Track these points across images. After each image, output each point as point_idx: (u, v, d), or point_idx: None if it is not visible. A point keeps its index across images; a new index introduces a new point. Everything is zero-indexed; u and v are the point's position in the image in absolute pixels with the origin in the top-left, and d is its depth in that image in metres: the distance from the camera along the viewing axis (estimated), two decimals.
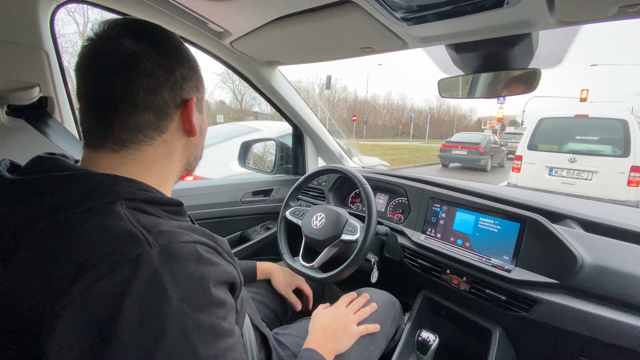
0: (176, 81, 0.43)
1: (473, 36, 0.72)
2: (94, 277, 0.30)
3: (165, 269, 0.32)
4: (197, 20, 0.87)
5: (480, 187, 1.06)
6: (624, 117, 4.05)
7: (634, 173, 3.73)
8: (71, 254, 0.32)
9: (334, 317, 0.75)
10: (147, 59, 0.41)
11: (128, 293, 0.30)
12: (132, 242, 0.33)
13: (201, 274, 0.35)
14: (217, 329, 0.35)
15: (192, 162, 0.52)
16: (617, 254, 0.72)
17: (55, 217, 0.34)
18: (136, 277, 0.31)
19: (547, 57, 0.79)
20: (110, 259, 0.31)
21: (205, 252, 0.37)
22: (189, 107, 0.45)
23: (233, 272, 0.41)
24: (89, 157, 0.42)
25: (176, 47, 0.45)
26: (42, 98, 0.82)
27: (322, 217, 1.00)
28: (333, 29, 0.77)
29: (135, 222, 0.35)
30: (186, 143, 0.48)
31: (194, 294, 0.33)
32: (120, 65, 0.39)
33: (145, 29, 0.43)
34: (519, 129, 25.57)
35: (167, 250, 0.34)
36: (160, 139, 0.44)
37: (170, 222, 0.38)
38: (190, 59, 0.47)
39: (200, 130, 0.50)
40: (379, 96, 59.39)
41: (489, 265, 0.83)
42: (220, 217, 1.30)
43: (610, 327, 0.66)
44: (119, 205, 0.36)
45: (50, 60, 0.82)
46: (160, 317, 0.31)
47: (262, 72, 1.20)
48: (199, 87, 0.48)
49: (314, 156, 1.62)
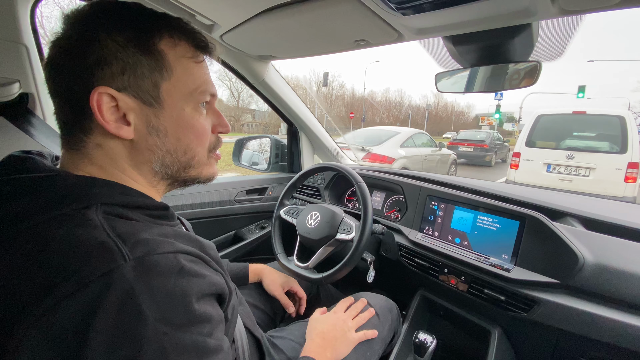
0: (87, 66, 0.35)
1: (471, 27, 0.69)
2: (60, 295, 0.27)
3: (140, 286, 0.29)
4: (184, 12, 0.83)
5: (478, 184, 1.04)
6: (621, 114, 4.05)
7: (631, 169, 3.73)
8: (37, 268, 0.29)
9: (333, 323, 0.72)
10: (61, 42, 0.36)
11: (98, 313, 0.27)
12: (103, 255, 0.29)
13: (182, 289, 0.31)
14: (201, 348, 0.32)
15: (163, 171, 0.41)
16: (619, 252, 0.70)
17: (21, 225, 0.31)
18: (107, 295, 0.27)
19: (548, 50, 0.76)
20: (78, 275, 0.28)
21: (188, 263, 0.34)
22: (91, 101, 0.34)
23: (220, 283, 0.38)
24: (61, 157, 0.40)
25: (104, 16, 0.36)
26: (23, 94, 0.78)
27: (317, 216, 0.98)
28: (325, 20, 0.74)
29: (110, 231, 0.31)
30: (132, 147, 0.39)
31: (174, 312, 0.30)
32: (50, 55, 0.37)
33: (83, 6, 0.37)
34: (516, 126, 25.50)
35: (143, 263, 0.30)
36: (90, 141, 0.37)
37: (151, 229, 0.35)
38: (125, 29, 0.36)
39: (154, 130, 0.39)
40: (377, 93, 59.24)
41: (487, 265, 0.81)
42: (213, 216, 1.27)
43: (612, 328, 0.64)
44: (94, 210, 0.33)
45: (30, 54, 0.79)
46: (135, 340, 0.28)
47: (255, 67, 1.17)
48: (133, 70, 0.36)
49: (309, 153, 1.60)
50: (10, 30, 0.74)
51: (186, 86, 0.40)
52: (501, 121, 33.57)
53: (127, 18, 0.37)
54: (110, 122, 0.36)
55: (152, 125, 0.39)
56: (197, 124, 0.42)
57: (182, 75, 0.40)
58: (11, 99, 0.76)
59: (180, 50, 0.40)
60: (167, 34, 0.39)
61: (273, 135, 1.62)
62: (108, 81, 0.35)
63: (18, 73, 0.77)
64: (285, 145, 1.60)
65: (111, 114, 0.36)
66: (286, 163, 1.61)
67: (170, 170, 0.42)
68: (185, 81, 0.40)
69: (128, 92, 0.37)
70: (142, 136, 0.39)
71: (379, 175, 1.24)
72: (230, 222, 1.32)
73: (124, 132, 0.37)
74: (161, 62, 0.38)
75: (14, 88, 0.75)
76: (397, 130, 5.67)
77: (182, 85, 0.40)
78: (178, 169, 0.43)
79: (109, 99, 0.36)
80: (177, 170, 0.43)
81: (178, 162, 0.42)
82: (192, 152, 0.43)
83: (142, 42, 0.37)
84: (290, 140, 1.57)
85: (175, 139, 0.41)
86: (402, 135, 5.39)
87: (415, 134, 5.78)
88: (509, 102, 48.96)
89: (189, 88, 0.41)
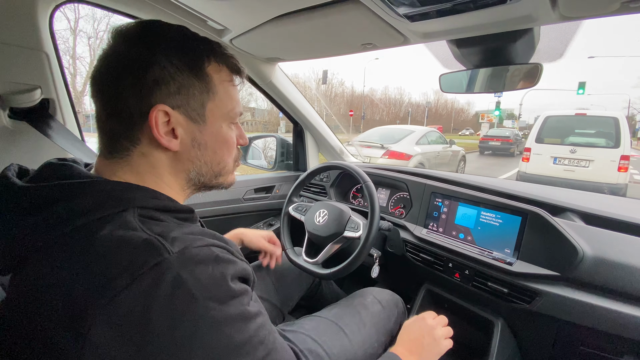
0: (145, 85, 0.38)
1: (475, 32, 0.71)
2: (118, 287, 0.30)
3: (186, 273, 0.33)
4: (196, 18, 0.86)
5: (481, 181, 1.07)
6: (615, 115, 4.86)
7: (623, 161, 4.52)
8: (88, 266, 0.32)
9: (421, 330, 0.71)
10: (119, 58, 0.39)
11: (154, 301, 0.30)
12: (150, 251, 0.33)
13: (221, 272, 0.36)
14: (245, 315, 0.36)
15: (197, 179, 0.46)
16: (617, 246, 0.73)
17: (67, 227, 0.34)
18: (159, 284, 0.31)
19: (549, 52, 0.79)
20: (130, 269, 0.31)
21: (221, 252, 0.38)
22: (150, 117, 0.38)
23: (248, 269, 0.42)
24: (96, 165, 0.43)
25: (161, 39, 0.40)
26: (44, 100, 0.81)
27: (325, 213, 1.01)
28: (334, 26, 0.77)
29: (148, 231, 0.35)
30: (174, 158, 0.43)
31: (218, 290, 0.34)
32: (99, 68, 0.39)
33: (135, 24, 0.40)
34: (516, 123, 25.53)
35: (185, 255, 0.34)
36: (136, 150, 0.41)
37: (181, 229, 0.38)
38: (181, 53, 0.40)
39: (197, 143, 0.43)
40: (377, 90, 58.98)
41: (490, 259, 0.84)
42: (223, 214, 1.31)
43: (610, 317, 0.67)
44: (131, 213, 0.36)
45: (50, 61, 0.82)
46: (191, 318, 0.32)
47: (262, 69, 1.20)
48: (187, 91, 0.41)
49: (314, 152, 1.63)
50: (32, 38, 0.77)
51: (225, 107, 0.46)
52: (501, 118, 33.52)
53: (181, 42, 0.41)
54: (163, 136, 0.40)
55: (196, 139, 0.43)
56: (229, 139, 0.48)
57: (223, 97, 0.45)
58: (33, 105, 0.79)
59: (223, 74, 0.45)
60: (214, 59, 0.43)
61: (278, 134, 1.66)
62: (165, 99, 0.39)
63: (39, 79, 0.80)
64: (291, 144, 1.63)
65: (163, 128, 0.40)
66: (292, 162, 1.64)
67: (203, 178, 0.47)
68: (225, 102, 0.45)
69: (180, 110, 0.41)
70: (186, 149, 0.43)
71: (384, 173, 1.27)
72: (239, 219, 1.36)
73: (173, 144, 0.41)
74: (209, 85, 0.43)
75: (36, 94, 0.78)
76: (411, 128, 6.21)
77: (222, 105, 0.45)
78: (210, 177, 0.48)
79: (163, 115, 0.40)
80: (209, 179, 0.48)
81: (212, 172, 0.47)
82: (223, 162, 0.48)
83: (195, 67, 0.41)
84: (296, 139, 1.60)
85: (213, 151, 0.46)
86: (416, 133, 5.88)
87: (428, 132, 6.24)
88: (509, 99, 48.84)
89: (227, 108, 0.46)
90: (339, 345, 0.74)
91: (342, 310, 0.84)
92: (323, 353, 0.71)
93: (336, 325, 0.78)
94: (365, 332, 0.80)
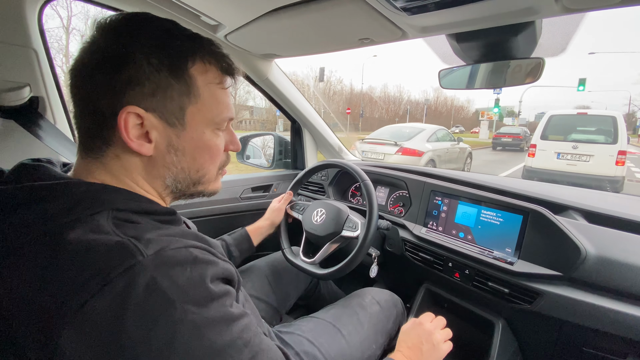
0: (117, 84, 0.36)
1: (475, 25, 0.69)
2: (87, 293, 0.29)
3: (161, 275, 0.31)
4: (189, 13, 0.84)
5: (481, 179, 1.05)
6: (613, 114, 5.36)
7: (620, 155, 4.98)
8: (58, 272, 0.30)
9: (419, 335, 0.70)
10: (93, 55, 0.37)
11: (127, 305, 0.29)
12: (122, 254, 0.31)
13: (199, 273, 0.34)
14: (227, 317, 0.35)
15: (174, 185, 0.44)
16: (620, 245, 0.71)
17: (36, 231, 0.32)
18: (132, 288, 0.30)
19: (551, 46, 0.77)
20: (101, 274, 0.30)
21: (200, 253, 0.36)
22: (119, 119, 0.36)
23: (231, 270, 0.41)
24: (75, 164, 0.41)
25: (143, 34, 0.37)
26: (33, 98, 0.80)
27: (323, 212, 0.99)
28: (330, 20, 0.75)
29: (122, 234, 0.33)
30: (149, 162, 0.40)
31: (196, 293, 0.33)
32: (79, 63, 0.38)
33: (119, 17, 0.38)
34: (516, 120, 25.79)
35: (160, 257, 0.33)
36: (110, 151, 0.39)
37: (159, 231, 0.37)
38: (162, 51, 0.37)
39: (173, 149, 0.41)
40: (376, 88, 58.60)
41: (491, 258, 0.83)
42: (220, 214, 1.29)
43: (614, 318, 0.66)
44: (104, 216, 0.34)
45: (39, 58, 0.80)
46: (168, 322, 0.30)
47: (259, 66, 1.18)
48: (163, 93, 0.38)
49: (313, 150, 1.61)
50: (20, 35, 0.75)
51: (210, 112, 0.42)
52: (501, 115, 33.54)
53: (163, 39, 0.38)
54: (134, 140, 0.38)
55: (172, 144, 0.41)
56: (213, 146, 0.44)
57: (208, 101, 0.42)
58: (22, 103, 0.77)
59: (210, 76, 0.42)
60: (200, 59, 0.40)
61: (276, 132, 1.64)
62: (138, 101, 0.37)
63: (28, 77, 0.78)
64: (289, 142, 1.61)
65: (135, 131, 0.38)
66: (290, 160, 1.62)
67: (180, 186, 0.44)
68: (209, 106, 0.42)
69: (155, 112, 0.38)
70: (160, 154, 0.40)
71: (383, 171, 1.25)
72: (237, 219, 1.34)
73: (144, 149, 0.39)
74: (190, 88, 0.40)
75: (25, 92, 0.76)
76: (422, 127, 6.57)
77: (206, 110, 0.42)
78: (188, 185, 0.45)
79: (135, 118, 0.37)
80: (186, 186, 0.45)
81: (189, 179, 0.44)
82: (204, 170, 0.45)
83: (175, 67, 0.38)
84: (294, 137, 1.58)
85: (192, 158, 0.43)
86: (427, 131, 6.27)
87: (438, 130, 6.57)
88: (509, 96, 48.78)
89: (212, 113, 0.43)
90: (336, 347, 0.73)
91: (340, 311, 0.83)
92: (320, 355, 0.70)
93: (333, 327, 0.77)
94: (363, 333, 0.78)
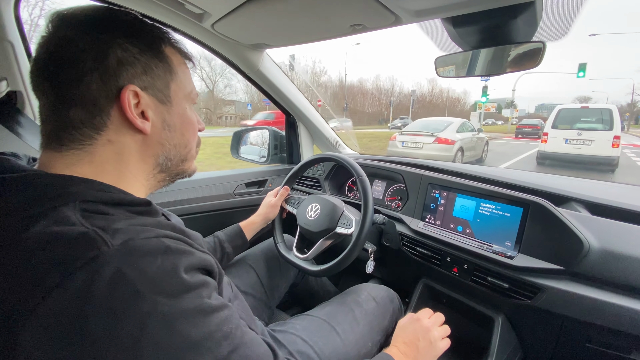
0: (109, 67, 0.37)
1: (472, 7, 0.65)
2: (48, 287, 0.28)
3: (128, 266, 0.30)
4: (172, 1, 0.80)
5: (480, 171, 1.02)
6: (610, 107, 7.00)
7: (615, 139, 6.54)
8: (16, 267, 0.29)
9: (415, 332, 0.69)
10: (70, 43, 0.36)
11: (90, 299, 0.28)
12: (84, 244, 0.30)
13: (172, 263, 0.33)
14: (205, 308, 0.34)
15: (165, 163, 0.45)
16: (625, 237, 0.68)
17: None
18: (95, 280, 0.28)
19: (552, 29, 0.73)
20: (62, 267, 0.28)
21: (173, 243, 0.35)
22: (122, 98, 0.38)
23: (209, 260, 0.39)
24: (41, 158, 0.39)
25: (115, 23, 0.39)
26: (11, 92, 0.76)
27: (317, 207, 0.97)
28: (320, 5, 0.71)
29: (89, 224, 0.32)
30: (143, 142, 0.42)
31: (168, 284, 0.32)
32: (46, 57, 0.37)
33: (80, 9, 0.38)
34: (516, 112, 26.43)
35: (127, 247, 0.31)
36: (101, 138, 0.39)
37: (131, 220, 0.35)
38: (138, 36, 0.40)
39: (167, 125, 0.43)
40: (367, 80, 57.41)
41: (490, 252, 0.80)
42: (213, 210, 1.26)
43: (618, 313, 0.63)
44: (71, 208, 0.33)
45: (16, 51, 0.76)
46: (136, 315, 0.29)
47: (249, 57, 1.14)
48: (151, 71, 0.40)
49: (308, 144, 1.57)
50: None
51: (185, 87, 0.46)
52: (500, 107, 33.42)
53: (136, 25, 0.41)
54: (137, 117, 0.39)
55: (166, 121, 0.43)
56: (193, 121, 0.48)
57: (182, 78, 0.45)
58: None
59: (178, 57, 0.46)
60: (168, 42, 0.44)
61: (271, 127, 1.60)
62: (132, 80, 0.39)
63: (4, 71, 0.75)
64: (284, 136, 1.58)
65: (134, 110, 0.39)
66: (285, 154, 1.59)
67: (170, 163, 0.46)
68: (184, 83, 0.46)
69: (148, 91, 0.40)
70: (156, 131, 0.43)
71: (380, 165, 1.22)
72: (230, 215, 1.32)
73: (146, 126, 0.41)
74: (169, 66, 0.43)
75: (1, 86, 0.73)
76: (450, 120, 7.94)
77: (183, 86, 0.45)
78: (177, 162, 0.47)
79: (132, 97, 0.39)
80: (175, 163, 0.47)
81: (179, 155, 0.47)
82: (189, 146, 0.48)
83: (155, 48, 0.41)
84: (289, 131, 1.54)
85: (180, 134, 0.46)
86: (455, 124, 7.60)
87: (463, 122, 7.96)
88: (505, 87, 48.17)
89: (187, 89, 0.46)
90: (331, 346, 0.71)
91: (335, 308, 0.81)
92: (314, 354, 0.68)
93: (328, 325, 0.75)
94: (359, 331, 0.76)
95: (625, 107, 49.23)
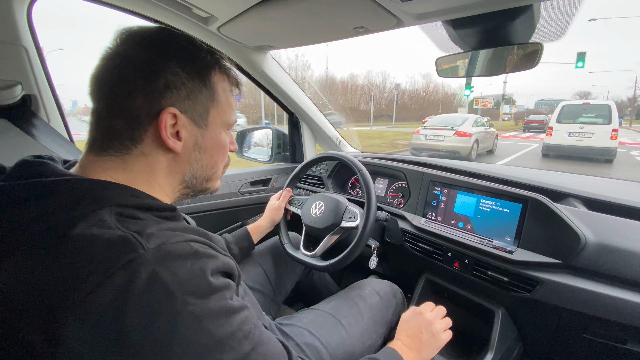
0: (156, 88, 0.40)
1: (472, 10, 0.68)
2: (89, 287, 0.30)
3: (162, 268, 0.32)
4: (180, 5, 0.83)
5: (480, 168, 1.04)
6: (608, 103, 7.83)
7: (613, 132, 7.27)
8: (60, 266, 0.31)
9: (419, 325, 0.71)
10: (130, 61, 0.40)
11: (129, 297, 0.30)
12: (124, 247, 0.32)
13: (200, 267, 0.35)
14: (227, 309, 0.36)
15: (190, 181, 0.48)
16: (620, 231, 0.71)
17: (38, 227, 0.33)
18: (134, 280, 0.30)
19: (549, 30, 0.75)
20: (103, 267, 0.30)
21: (200, 247, 0.38)
22: (160, 119, 0.40)
23: (231, 264, 0.42)
24: (82, 159, 0.42)
25: (172, 47, 0.42)
26: (26, 96, 0.79)
27: (322, 205, 0.99)
28: (324, 9, 0.73)
29: (125, 228, 0.34)
30: (174, 159, 0.44)
31: (197, 285, 0.34)
32: (106, 68, 0.40)
33: (145, 30, 0.42)
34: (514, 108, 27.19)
35: (161, 251, 0.33)
36: (137, 150, 0.41)
37: (160, 225, 0.38)
38: (191, 62, 0.42)
39: (198, 147, 0.46)
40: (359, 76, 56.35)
41: (490, 247, 0.83)
42: (219, 208, 1.29)
43: (613, 305, 0.66)
44: (107, 212, 0.35)
45: (30, 56, 0.79)
46: (169, 314, 0.31)
47: (253, 58, 1.16)
48: (195, 97, 0.43)
49: (311, 143, 1.60)
50: (8, 32, 0.74)
51: (225, 115, 0.48)
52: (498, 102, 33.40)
53: (191, 51, 0.44)
54: (170, 137, 0.42)
55: (198, 143, 0.46)
56: (225, 145, 0.51)
57: (224, 105, 0.48)
58: (14, 102, 0.76)
59: (225, 85, 0.48)
60: (218, 70, 0.46)
61: (274, 126, 1.62)
62: (175, 103, 0.41)
63: (19, 75, 0.77)
64: (287, 135, 1.60)
65: (169, 130, 0.42)
66: (288, 153, 1.62)
67: (195, 181, 0.49)
68: (225, 110, 0.48)
69: (186, 114, 0.43)
70: (187, 151, 0.45)
71: (382, 162, 1.24)
72: (236, 213, 1.35)
73: (177, 146, 0.43)
74: (213, 93, 0.46)
75: (17, 90, 0.75)
76: (467, 116, 8.94)
77: (223, 113, 0.48)
78: (201, 181, 0.50)
79: (171, 118, 0.41)
80: (200, 182, 0.50)
81: (205, 175, 0.49)
82: (216, 167, 0.51)
83: (203, 75, 0.44)
84: (292, 130, 1.57)
85: (210, 155, 0.48)
86: (471, 119, 8.49)
87: (477, 118, 8.96)
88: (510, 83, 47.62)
89: (227, 116, 0.49)
90: (336, 338, 0.73)
91: (340, 302, 0.83)
92: (321, 346, 0.70)
93: (334, 318, 0.77)
94: (364, 324, 0.79)
95: (626, 102, 48.82)
